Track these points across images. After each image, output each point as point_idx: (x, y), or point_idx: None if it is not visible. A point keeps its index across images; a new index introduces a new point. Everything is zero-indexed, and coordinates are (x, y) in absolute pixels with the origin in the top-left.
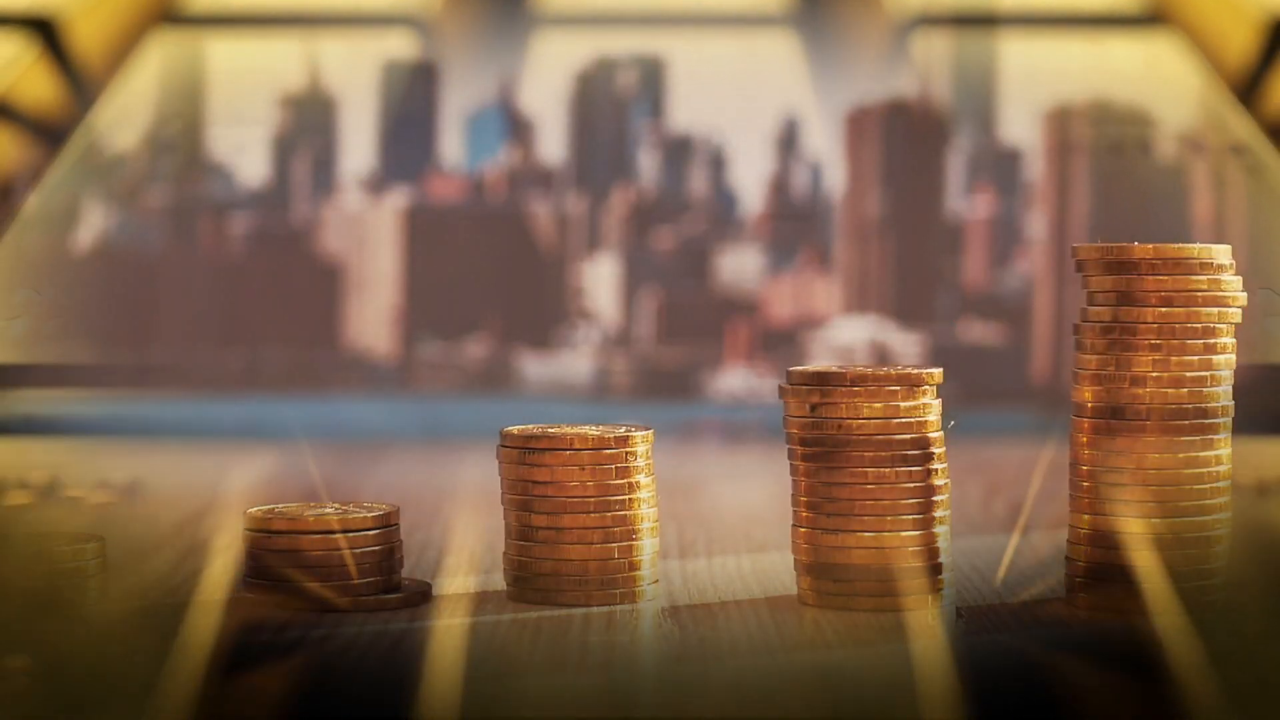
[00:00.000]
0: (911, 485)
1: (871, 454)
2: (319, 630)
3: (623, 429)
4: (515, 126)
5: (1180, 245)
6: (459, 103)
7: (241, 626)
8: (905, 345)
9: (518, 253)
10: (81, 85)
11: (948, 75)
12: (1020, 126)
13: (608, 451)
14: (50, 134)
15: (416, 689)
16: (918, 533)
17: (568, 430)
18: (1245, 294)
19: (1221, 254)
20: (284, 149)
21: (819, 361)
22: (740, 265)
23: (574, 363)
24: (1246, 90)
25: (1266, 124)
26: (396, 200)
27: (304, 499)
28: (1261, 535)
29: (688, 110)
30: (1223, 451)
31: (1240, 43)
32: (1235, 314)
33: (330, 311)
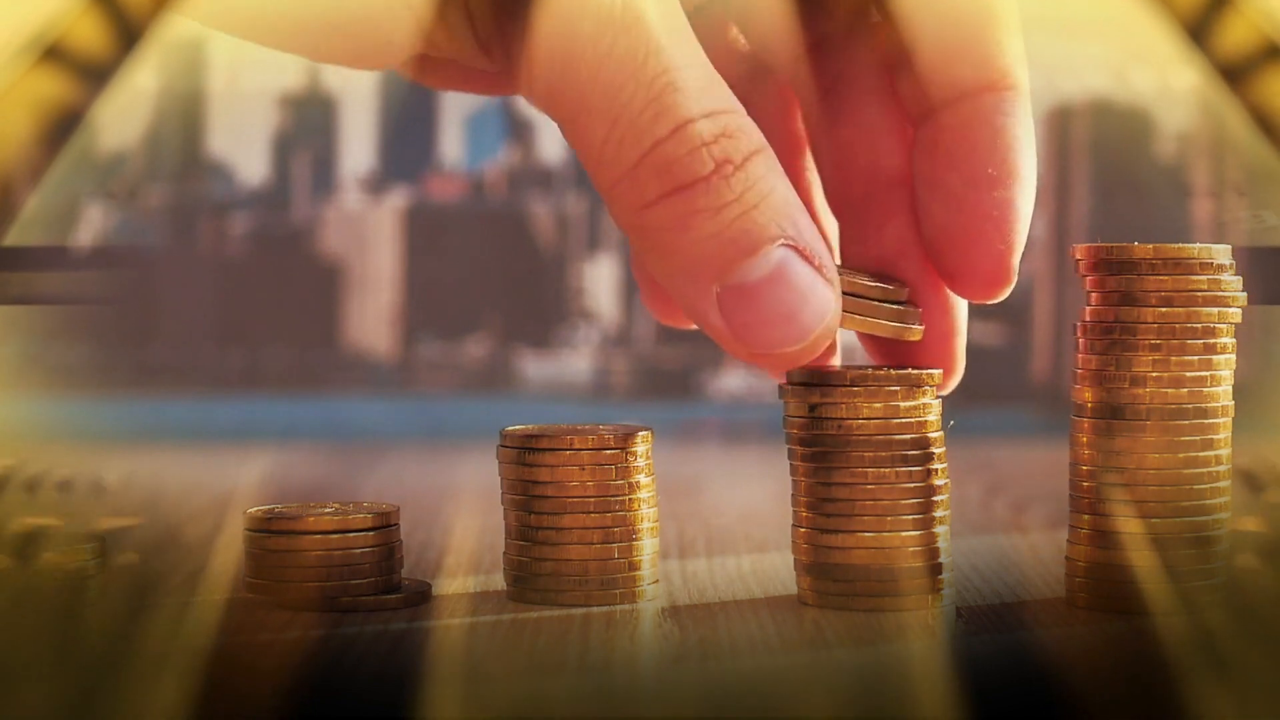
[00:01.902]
0: (911, 485)
1: (871, 454)
2: (319, 630)
3: (623, 429)
4: (515, 126)
5: (1180, 245)
6: (459, 103)
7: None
8: None
9: (518, 253)
10: (129, 28)
11: None
12: None
13: (608, 451)
14: (97, 76)
15: (416, 689)
16: (918, 533)
17: (568, 430)
18: (1245, 294)
19: (1221, 254)
20: (284, 149)
21: None
22: None
23: (574, 363)
24: (1198, 33)
25: (1219, 67)
26: (396, 200)
27: (304, 499)
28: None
29: None
30: (1223, 451)
31: None
32: (1235, 314)
33: (330, 311)
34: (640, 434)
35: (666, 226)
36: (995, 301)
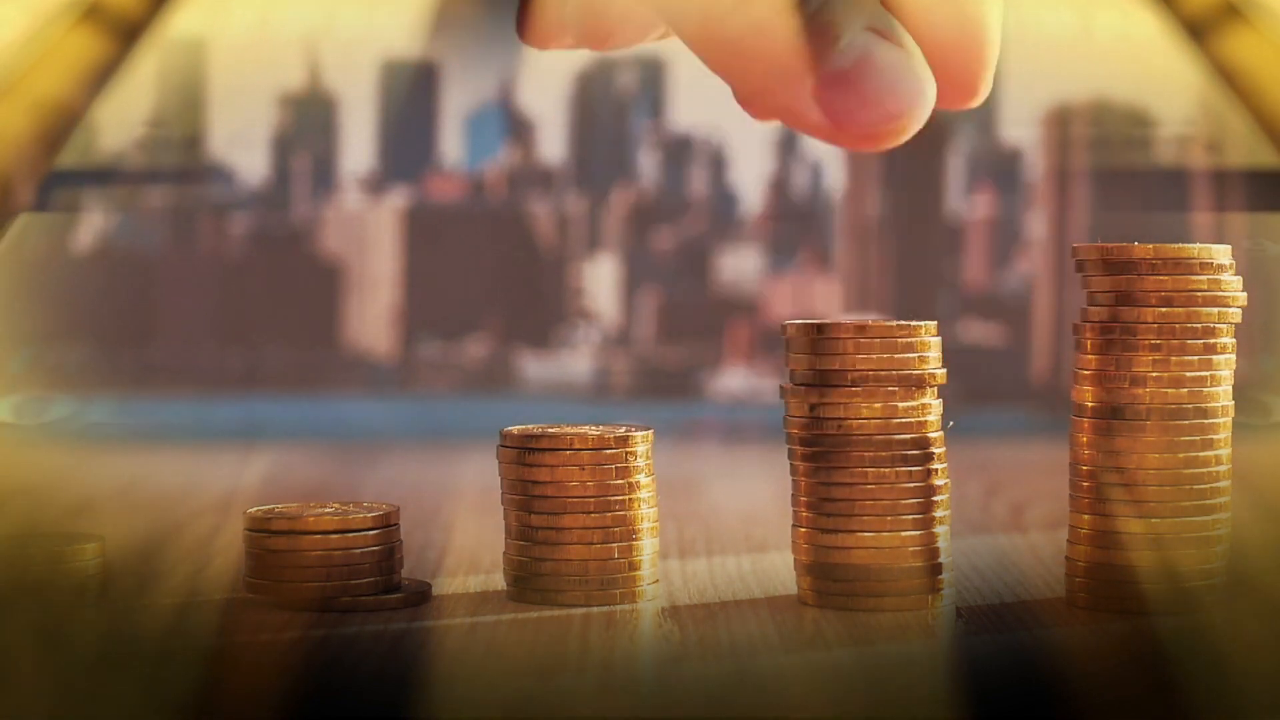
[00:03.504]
0: (911, 485)
1: (871, 454)
2: (319, 630)
3: (623, 429)
4: (515, 126)
5: (1180, 245)
6: (459, 103)
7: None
8: None
9: (518, 253)
10: None
11: None
12: (1020, 126)
13: (608, 451)
14: (129, 33)
15: (416, 689)
16: (918, 533)
17: (568, 430)
18: (1245, 294)
19: (1221, 254)
20: (284, 149)
21: None
22: (740, 265)
23: (574, 363)
24: None
25: (1184, 23)
26: (396, 200)
27: (304, 499)
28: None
29: (688, 110)
30: (1223, 451)
31: None
32: (1235, 314)
33: (330, 311)
34: (640, 434)
35: (747, 33)
36: (970, 108)
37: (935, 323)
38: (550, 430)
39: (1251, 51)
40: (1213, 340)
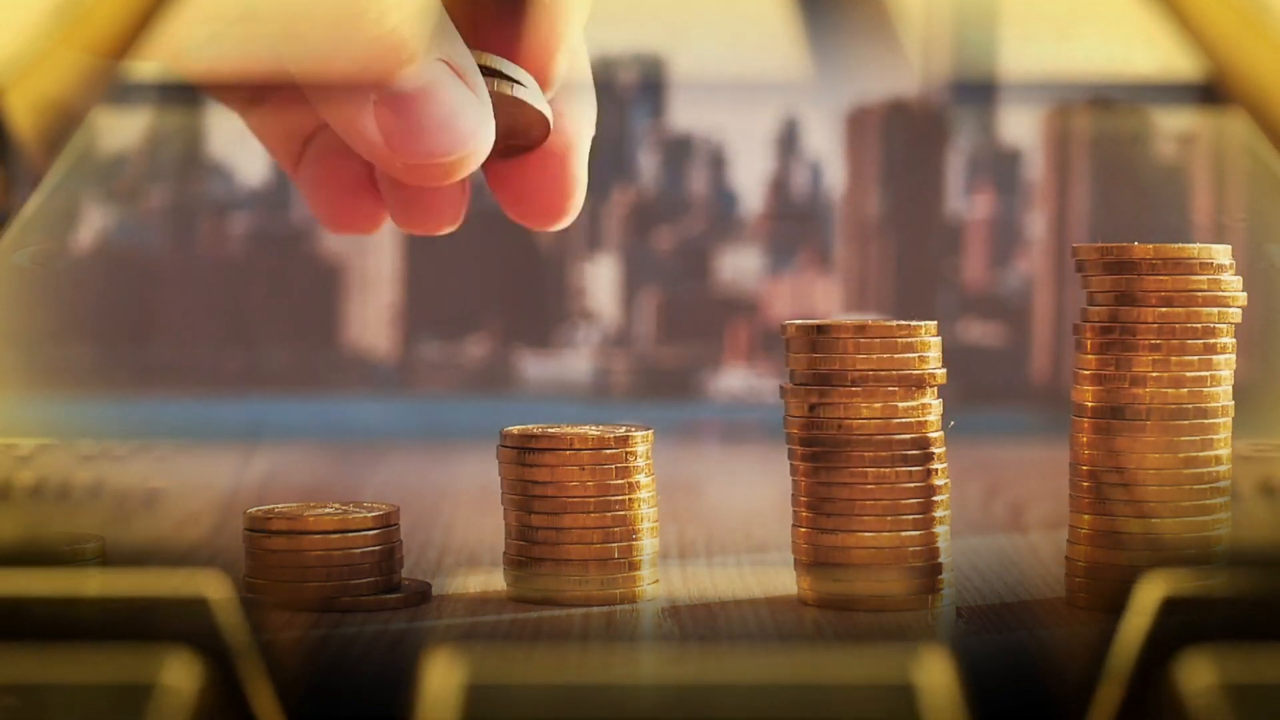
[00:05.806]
0: (911, 485)
1: (871, 454)
2: (319, 630)
3: (623, 429)
4: None
5: (1180, 245)
6: None
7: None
8: None
9: (518, 253)
10: None
11: (948, 75)
12: (1020, 126)
13: (608, 451)
14: None
15: (416, 689)
16: (918, 533)
17: (568, 430)
18: (1245, 294)
19: (1221, 254)
20: None
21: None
22: (740, 265)
23: (574, 363)
24: None
25: None
26: None
27: (304, 499)
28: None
29: (688, 110)
30: (1223, 451)
31: None
32: (1235, 314)
33: (330, 311)
34: (640, 434)
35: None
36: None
37: (935, 323)
38: (550, 430)
39: (1214, 11)
40: (1213, 340)
